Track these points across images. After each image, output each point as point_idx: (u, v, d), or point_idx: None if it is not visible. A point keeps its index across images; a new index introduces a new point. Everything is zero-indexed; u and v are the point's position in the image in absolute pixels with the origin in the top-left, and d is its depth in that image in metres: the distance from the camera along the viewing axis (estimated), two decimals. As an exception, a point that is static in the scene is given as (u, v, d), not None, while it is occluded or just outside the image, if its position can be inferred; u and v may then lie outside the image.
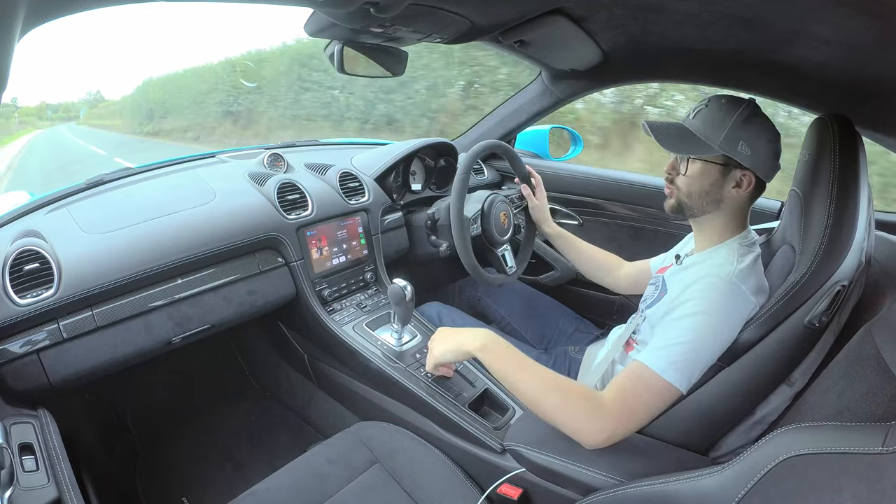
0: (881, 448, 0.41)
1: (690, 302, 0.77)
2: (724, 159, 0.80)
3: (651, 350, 0.77)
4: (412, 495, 0.87)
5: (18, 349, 0.79)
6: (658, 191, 1.45)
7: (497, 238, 1.16)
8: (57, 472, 0.66)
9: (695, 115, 0.83)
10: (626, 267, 1.20)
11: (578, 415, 0.73)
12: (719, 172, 0.81)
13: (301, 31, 0.99)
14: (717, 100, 0.82)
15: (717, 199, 0.82)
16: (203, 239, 1.00)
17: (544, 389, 0.75)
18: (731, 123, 0.78)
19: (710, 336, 0.74)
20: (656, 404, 0.75)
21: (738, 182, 0.80)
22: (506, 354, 0.80)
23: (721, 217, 0.84)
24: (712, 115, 0.80)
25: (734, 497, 0.50)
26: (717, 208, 0.83)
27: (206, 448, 1.32)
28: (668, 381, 0.73)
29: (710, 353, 0.75)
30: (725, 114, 0.79)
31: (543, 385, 0.75)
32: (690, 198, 0.84)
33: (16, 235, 0.90)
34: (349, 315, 1.19)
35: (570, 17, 0.94)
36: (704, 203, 0.83)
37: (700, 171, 0.82)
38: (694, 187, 0.83)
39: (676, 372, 0.73)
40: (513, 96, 1.60)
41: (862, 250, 0.73)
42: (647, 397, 0.74)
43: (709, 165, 0.81)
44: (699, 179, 0.82)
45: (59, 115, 33.26)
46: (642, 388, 0.74)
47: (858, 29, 0.64)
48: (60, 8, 0.56)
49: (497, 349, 0.81)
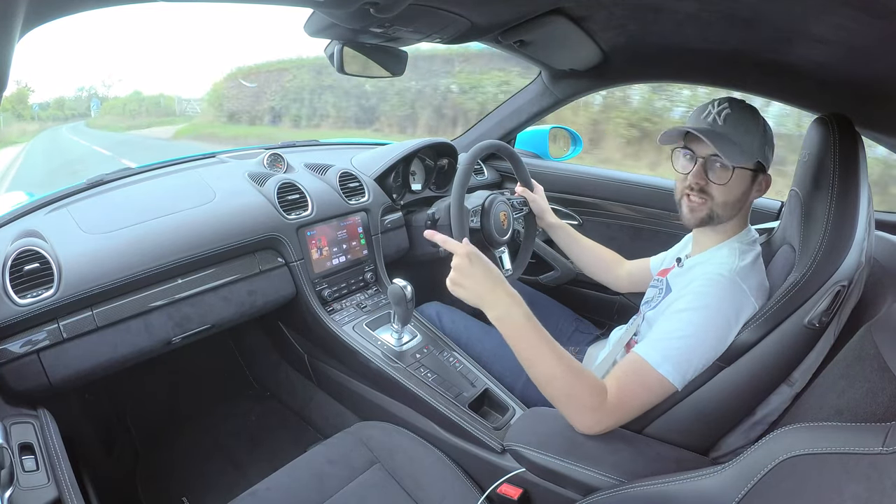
0: (881, 448, 0.41)
1: (690, 296, 0.77)
2: (757, 165, 0.79)
3: (648, 342, 0.77)
4: (412, 495, 0.87)
5: (18, 349, 0.79)
6: (658, 191, 1.45)
7: (496, 238, 1.16)
8: (57, 472, 0.66)
9: (723, 119, 0.78)
10: (626, 265, 1.20)
11: (579, 406, 0.74)
12: (751, 179, 0.80)
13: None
14: (737, 103, 0.79)
15: (743, 205, 0.82)
16: (203, 239, 1.00)
17: (552, 377, 0.74)
18: (761, 129, 0.78)
19: (707, 332, 0.74)
20: (649, 398, 0.76)
21: (759, 186, 0.81)
22: (520, 333, 0.76)
23: (734, 220, 0.84)
24: (743, 121, 0.77)
25: (734, 497, 0.50)
26: (738, 213, 0.83)
27: (206, 448, 1.32)
28: (662, 374, 0.74)
29: (707, 349, 0.75)
30: (752, 119, 0.78)
31: (552, 372, 0.74)
32: (725, 207, 0.80)
33: (16, 235, 0.90)
34: (349, 315, 1.19)
35: (570, 17, 0.94)
36: (734, 210, 0.82)
37: (738, 178, 0.78)
38: (731, 196, 0.80)
39: (671, 366, 0.74)
40: (513, 96, 1.60)
41: (862, 250, 0.73)
42: (641, 391, 0.75)
43: (745, 173, 0.79)
44: (737, 187, 0.79)
45: (50, 112, 31.56)
46: (637, 382, 0.75)
47: (858, 29, 0.64)
48: (60, 8, 0.56)
49: (513, 324, 0.76)
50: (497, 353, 1.11)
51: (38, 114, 30.79)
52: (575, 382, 0.73)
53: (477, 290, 0.78)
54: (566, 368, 0.73)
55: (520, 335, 0.76)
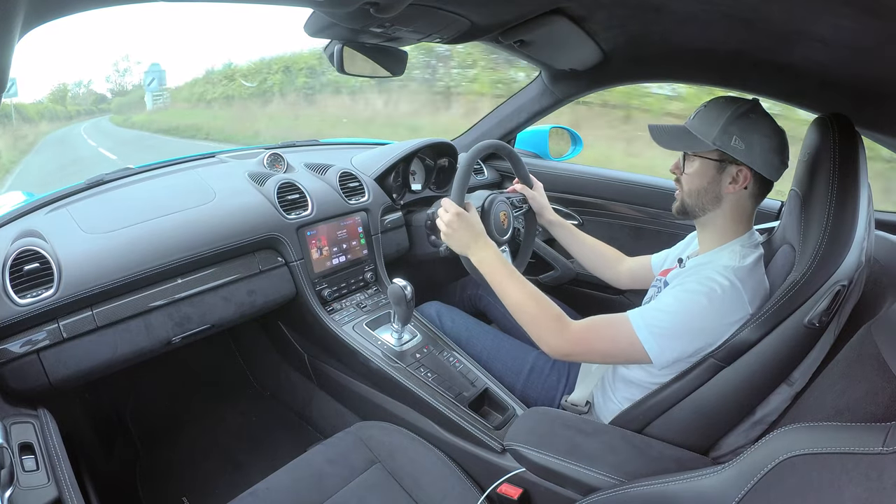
0: (881, 448, 0.41)
1: (688, 282, 0.79)
2: (718, 155, 0.81)
3: (639, 309, 0.82)
4: (412, 495, 0.87)
5: (19, 349, 0.79)
6: (658, 191, 1.45)
7: (496, 237, 1.15)
8: (57, 471, 0.66)
9: (694, 115, 0.84)
10: (627, 261, 1.20)
11: (545, 330, 0.84)
12: (715, 169, 0.82)
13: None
14: (716, 100, 0.83)
15: (716, 197, 0.83)
16: (203, 239, 1.00)
17: (523, 303, 0.87)
18: (725, 119, 0.79)
19: (693, 317, 0.76)
20: (614, 351, 0.81)
21: (734, 178, 0.81)
22: (494, 270, 0.92)
23: (722, 216, 0.84)
24: (709, 112, 0.81)
25: (734, 497, 0.50)
26: (718, 206, 0.84)
27: (206, 448, 1.32)
28: (639, 338, 0.77)
29: (692, 336, 0.76)
30: (721, 111, 0.80)
31: (523, 299, 0.87)
32: (691, 196, 0.85)
33: (16, 235, 0.90)
34: (349, 315, 1.19)
35: (570, 17, 0.94)
36: (704, 201, 0.84)
37: (698, 168, 0.83)
38: (693, 185, 0.84)
39: (651, 335, 0.77)
40: (513, 96, 1.60)
41: (862, 250, 0.73)
42: (607, 336, 0.81)
43: (706, 162, 0.82)
44: (698, 177, 0.84)
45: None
46: (608, 330, 0.81)
47: (859, 29, 0.64)
48: (60, 8, 0.56)
49: (489, 264, 0.92)
50: (497, 352, 1.11)
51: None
52: (537, 308, 0.85)
53: (462, 240, 0.95)
54: (529, 297, 0.87)
55: (494, 271, 0.91)
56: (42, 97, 33.12)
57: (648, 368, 0.85)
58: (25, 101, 27.53)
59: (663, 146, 0.86)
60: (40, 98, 32.76)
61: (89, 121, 23.94)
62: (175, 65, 52.41)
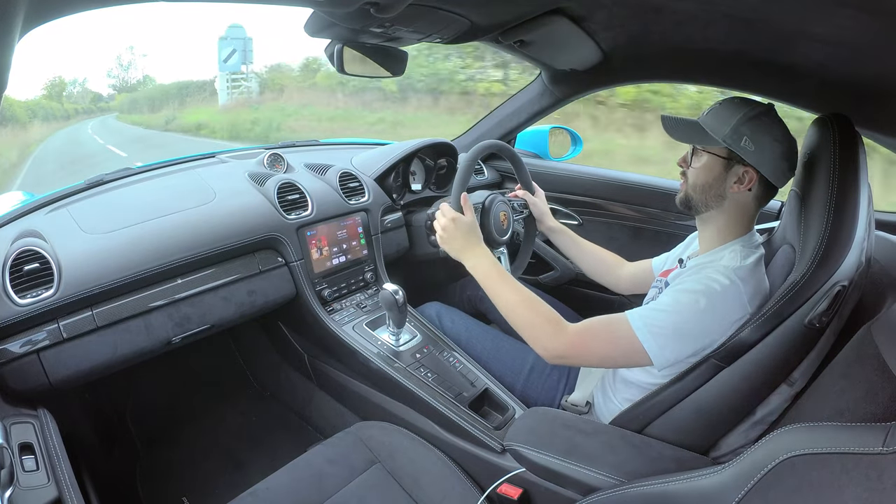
0: (881, 448, 0.41)
1: (688, 282, 0.79)
2: (727, 153, 0.81)
3: (638, 309, 0.81)
4: (412, 495, 0.87)
5: (18, 349, 0.79)
6: (658, 191, 1.45)
7: (495, 237, 1.16)
8: (57, 471, 0.66)
9: (708, 112, 0.84)
10: (627, 266, 1.20)
11: (539, 333, 0.84)
12: (722, 166, 0.82)
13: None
14: (730, 99, 0.83)
15: (720, 195, 0.83)
16: (203, 239, 1.00)
17: (516, 306, 0.87)
18: (737, 119, 0.79)
19: (696, 316, 0.76)
20: (613, 353, 0.80)
21: (739, 178, 0.81)
22: (487, 274, 0.92)
23: (724, 216, 0.84)
24: (723, 111, 0.81)
25: (734, 497, 0.49)
26: (721, 205, 0.84)
27: (206, 448, 1.32)
28: (639, 339, 0.77)
29: (693, 335, 0.76)
30: (734, 110, 0.80)
31: (517, 302, 0.87)
32: (695, 190, 0.85)
33: (16, 235, 0.90)
34: (349, 315, 1.19)
35: (570, 17, 0.94)
36: (708, 197, 0.84)
37: (705, 163, 0.83)
38: (699, 179, 0.84)
39: (651, 335, 0.76)
40: (513, 96, 1.60)
41: (862, 250, 0.73)
42: (605, 338, 0.80)
43: (713, 158, 0.83)
44: (704, 172, 0.84)
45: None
46: (608, 333, 0.80)
47: (858, 29, 0.64)
48: (60, 8, 0.56)
49: (483, 269, 0.93)
50: (497, 353, 1.11)
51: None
52: (532, 312, 0.85)
53: (457, 245, 0.96)
54: (522, 301, 0.87)
55: (487, 275, 0.92)
56: (36, 95, 32.34)
57: (649, 369, 0.85)
58: (19, 97, 26.83)
59: (674, 137, 0.87)
60: (34, 96, 31.99)
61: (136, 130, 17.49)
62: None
